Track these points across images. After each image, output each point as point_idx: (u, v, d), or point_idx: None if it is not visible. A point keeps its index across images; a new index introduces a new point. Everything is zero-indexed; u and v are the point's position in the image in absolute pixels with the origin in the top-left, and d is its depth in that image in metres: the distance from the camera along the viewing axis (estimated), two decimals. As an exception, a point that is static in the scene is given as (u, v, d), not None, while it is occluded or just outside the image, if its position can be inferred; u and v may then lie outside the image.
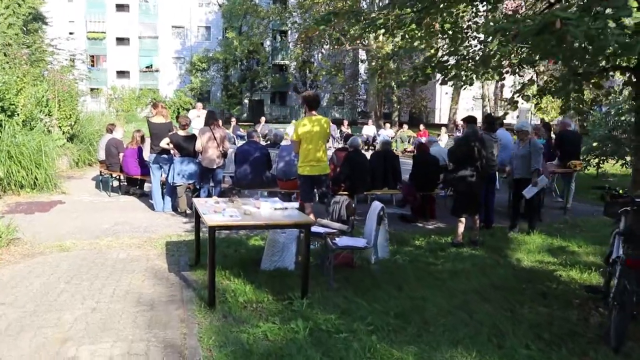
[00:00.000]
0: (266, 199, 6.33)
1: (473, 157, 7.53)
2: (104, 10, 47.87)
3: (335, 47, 39.17)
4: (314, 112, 7.19)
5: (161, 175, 9.53)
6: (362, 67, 50.09)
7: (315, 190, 7.44)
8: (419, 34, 4.76)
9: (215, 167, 8.93)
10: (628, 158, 13.33)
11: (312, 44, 42.89)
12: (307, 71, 48.03)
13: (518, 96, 4.88)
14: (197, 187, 9.30)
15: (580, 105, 3.80)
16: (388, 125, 25.54)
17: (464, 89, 6.88)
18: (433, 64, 5.03)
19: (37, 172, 10.91)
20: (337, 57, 43.37)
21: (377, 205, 5.86)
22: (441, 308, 5.18)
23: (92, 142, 15.62)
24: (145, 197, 10.83)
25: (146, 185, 11.05)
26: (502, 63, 4.87)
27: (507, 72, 5.39)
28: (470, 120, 7.92)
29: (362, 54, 45.38)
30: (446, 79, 5.45)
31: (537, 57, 3.20)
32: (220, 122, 9.42)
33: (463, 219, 7.74)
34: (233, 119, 22.15)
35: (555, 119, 25.69)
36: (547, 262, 7.04)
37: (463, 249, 7.56)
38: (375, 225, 5.69)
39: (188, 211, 9.24)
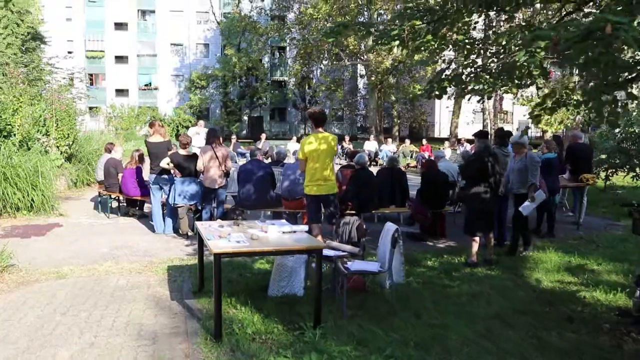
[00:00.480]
0: (273, 221, 6.01)
1: (486, 173, 7.24)
2: (102, 29, 47.92)
3: (334, 62, 39.14)
4: (320, 129, 6.93)
5: (161, 196, 9.21)
6: (361, 82, 50.10)
7: (323, 210, 7.13)
8: (435, 46, 4.47)
9: (217, 187, 8.62)
10: (638, 170, 13.05)
11: (310, 59, 42.90)
12: (307, 87, 47.99)
13: (540, 110, 4.60)
14: (199, 208, 8.98)
15: (615, 117, 3.51)
16: (390, 140, 25.29)
17: (482, 102, 6.63)
18: (450, 77, 4.73)
19: (33, 194, 10.60)
20: (336, 73, 43.31)
21: (391, 227, 5.55)
22: (463, 336, 4.85)
23: (90, 162, 15.33)
24: (145, 218, 10.52)
25: (146, 206, 10.75)
26: (522, 74, 4.58)
27: (525, 85, 5.10)
28: (481, 135, 7.64)
29: (361, 69, 45.40)
30: (466, 91, 5.14)
31: (574, 66, 2.94)
32: (221, 139, 9.10)
33: (477, 238, 7.42)
34: (233, 137, 21.88)
35: (558, 131, 25.46)
36: (568, 282, 6.72)
37: (478, 269, 7.24)
38: (390, 248, 5.37)
39: (190, 233, 8.92)
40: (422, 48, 4.48)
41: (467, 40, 4.85)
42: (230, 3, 47.03)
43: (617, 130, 13.67)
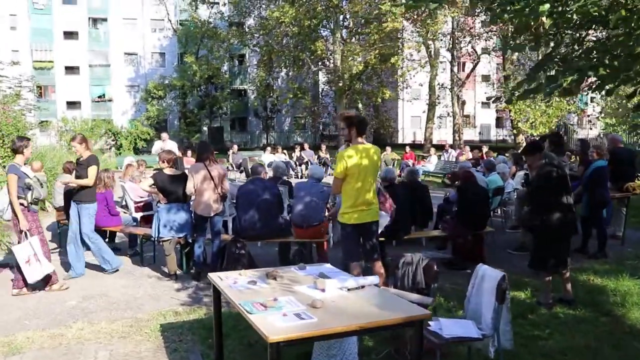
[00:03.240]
0: (318, 267, 4.36)
1: (562, 190, 5.71)
2: (51, 39, 45.06)
3: (300, 69, 37.51)
4: (361, 139, 5.34)
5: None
6: (321, 89, 48.61)
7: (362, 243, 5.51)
8: (593, 11, 2.95)
9: (212, 214, 6.88)
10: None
11: (273, 66, 41.22)
12: (270, 94, 46.23)
13: None
14: (189, 241, 7.22)
15: None
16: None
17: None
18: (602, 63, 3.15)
19: (-25, 226, 8.63)
20: (297, 80, 41.56)
21: (491, 273, 3.98)
22: None
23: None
24: (117, 251, 8.66)
25: (118, 236, 8.94)
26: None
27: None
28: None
29: (322, 76, 43.81)
30: (586, 84, 3.60)
31: None
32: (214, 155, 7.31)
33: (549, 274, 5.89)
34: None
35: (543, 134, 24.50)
36: (681, 323, 5.29)
37: (556, 309, 5.75)
38: (495, 304, 3.80)
39: (178, 272, 7.15)
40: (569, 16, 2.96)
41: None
42: (187, 10, 44.98)
43: None
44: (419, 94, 43.92)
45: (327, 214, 7.27)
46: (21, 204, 6.37)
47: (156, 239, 7.08)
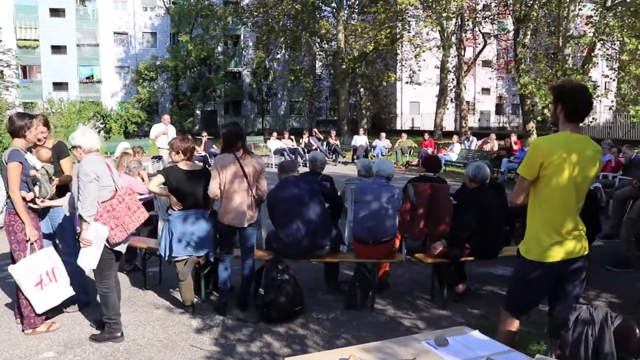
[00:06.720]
0: (469, 340, 2.59)
1: None
2: (36, 16, 42.68)
3: (303, 50, 35.65)
4: (574, 125, 3.18)
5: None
6: (319, 72, 46.63)
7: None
8: None
9: (245, 224, 5.06)
10: None
11: (271, 47, 39.27)
12: (266, 77, 44.25)
13: None
14: (211, 259, 5.40)
15: None
16: (383, 134, 21.96)
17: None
18: None
19: None
20: (295, 62, 39.57)
21: None
22: None
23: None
24: (111, 265, 6.86)
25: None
26: None
27: None
28: None
29: (321, 58, 41.82)
30: None
31: None
32: (248, 144, 5.45)
33: None
34: (204, 134, 17.84)
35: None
36: None
37: None
38: None
39: (195, 300, 5.36)
40: None
41: None
42: (180, -13, 42.81)
43: None
44: (419, 78, 42.16)
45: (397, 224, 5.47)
46: (26, 203, 4.59)
47: (166, 258, 5.24)
